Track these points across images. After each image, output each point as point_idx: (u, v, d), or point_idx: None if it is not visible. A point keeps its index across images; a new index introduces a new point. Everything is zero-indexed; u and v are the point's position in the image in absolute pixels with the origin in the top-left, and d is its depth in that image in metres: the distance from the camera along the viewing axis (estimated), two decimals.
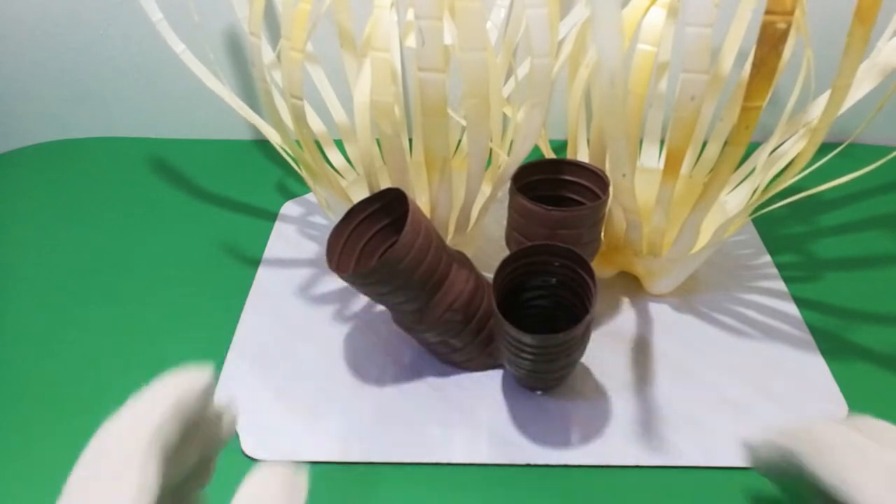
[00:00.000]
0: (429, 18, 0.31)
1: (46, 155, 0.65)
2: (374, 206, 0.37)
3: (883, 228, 0.53)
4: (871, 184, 0.58)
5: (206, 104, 0.63)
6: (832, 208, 0.56)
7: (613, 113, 0.32)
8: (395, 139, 0.36)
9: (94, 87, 0.63)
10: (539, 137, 0.46)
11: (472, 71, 0.32)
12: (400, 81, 0.51)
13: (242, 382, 0.41)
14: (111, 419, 0.19)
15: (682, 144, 0.35)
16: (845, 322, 0.45)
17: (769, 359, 0.42)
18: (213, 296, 0.47)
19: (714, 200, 0.36)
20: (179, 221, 0.55)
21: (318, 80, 0.52)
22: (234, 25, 0.58)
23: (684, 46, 0.31)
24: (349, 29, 0.49)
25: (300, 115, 0.37)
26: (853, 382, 0.40)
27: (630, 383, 0.40)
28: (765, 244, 0.51)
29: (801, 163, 0.36)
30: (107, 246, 0.52)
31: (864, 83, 0.39)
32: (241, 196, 0.58)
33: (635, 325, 0.44)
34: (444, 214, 0.40)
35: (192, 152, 0.64)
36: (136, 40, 0.59)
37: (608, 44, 0.29)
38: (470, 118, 0.34)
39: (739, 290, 0.47)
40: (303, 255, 0.51)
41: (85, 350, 0.43)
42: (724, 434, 0.37)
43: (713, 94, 0.50)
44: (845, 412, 0.39)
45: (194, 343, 0.44)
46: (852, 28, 0.28)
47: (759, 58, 0.28)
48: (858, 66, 0.29)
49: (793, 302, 0.46)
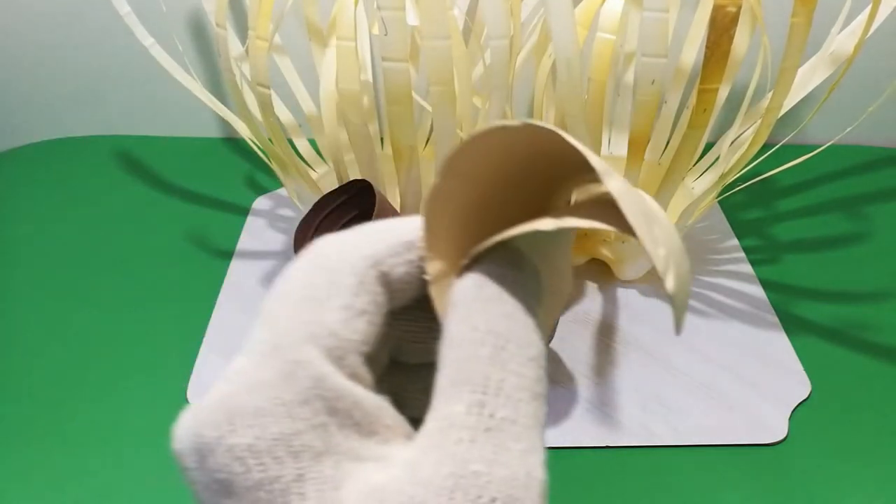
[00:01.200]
0: (391, 9, 0.31)
1: (44, 154, 0.64)
2: (342, 199, 0.37)
3: (837, 212, 0.55)
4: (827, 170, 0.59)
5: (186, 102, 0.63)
6: (792, 194, 0.57)
7: (571, 97, 0.32)
8: (363, 128, 0.36)
9: (93, 86, 0.62)
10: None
11: (437, 59, 0.33)
12: (370, 70, 0.51)
13: (216, 374, 0.41)
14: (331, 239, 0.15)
15: (644, 128, 0.35)
16: (808, 302, 0.46)
17: (736, 340, 0.43)
18: (185, 291, 0.47)
19: (678, 183, 0.37)
20: (154, 217, 0.55)
21: (288, 73, 0.52)
22: (202, 18, 0.58)
23: (642, 31, 0.31)
24: (317, 21, 0.49)
25: (267, 104, 0.37)
26: (816, 360, 0.41)
27: (600, 367, 0.41)
28: (732, 229, 0.52)
29: (758, 143, 0.37)
30: (80, 243, 0.52)
31: (818, 73, 0.40)
32: (215, 192, 0.58)
33: (605, 311, 0.45)
34: (414, 203, 0.41)
35: (166, 149, 0.64)
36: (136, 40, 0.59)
37: (562, 28, 0.30)
38: (436, 105, 0.35)
39: (707, 273, 0.48)
40: (274, 248, 0.51)
41: (69, 346, 0.43)
42: (693, 414, 0.38)
43: (679, 83, 0.51)
44: (809, 390, 0.40)
45: (167, 337, 0.43)
46: (795, 9, 0.29)
47: (713, 41, 0.29)
48: (804, 47, 0.30)
49: (759, 284, 0.47)
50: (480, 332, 0.13)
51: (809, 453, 0.37)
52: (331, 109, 0.37)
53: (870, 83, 0.59)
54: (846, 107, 0.58)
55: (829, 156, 0.45)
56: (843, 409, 0.39)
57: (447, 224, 0.15)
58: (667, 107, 0.52)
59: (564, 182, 0.16)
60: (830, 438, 0.37)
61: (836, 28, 0.41)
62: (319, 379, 0.13)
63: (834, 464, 0.36)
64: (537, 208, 0.16)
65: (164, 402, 0.39)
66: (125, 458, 0.36)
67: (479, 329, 0.13)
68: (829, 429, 0.38)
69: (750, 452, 0.37)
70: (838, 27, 0.41)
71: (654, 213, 0.14)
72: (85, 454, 0.37)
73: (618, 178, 0.13)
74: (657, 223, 0.13)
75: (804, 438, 0.37)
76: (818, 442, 0.37)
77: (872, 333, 0.44)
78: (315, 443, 0.12)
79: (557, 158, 0.14)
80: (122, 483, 0.35)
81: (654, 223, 0.13)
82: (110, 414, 0.39)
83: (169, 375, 0.41)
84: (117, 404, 0.39)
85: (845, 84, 0.58)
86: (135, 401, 0.39)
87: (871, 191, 0.57)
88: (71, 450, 0.37)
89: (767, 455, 0.37)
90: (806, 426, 0.38)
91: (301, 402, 0.12)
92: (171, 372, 0.41)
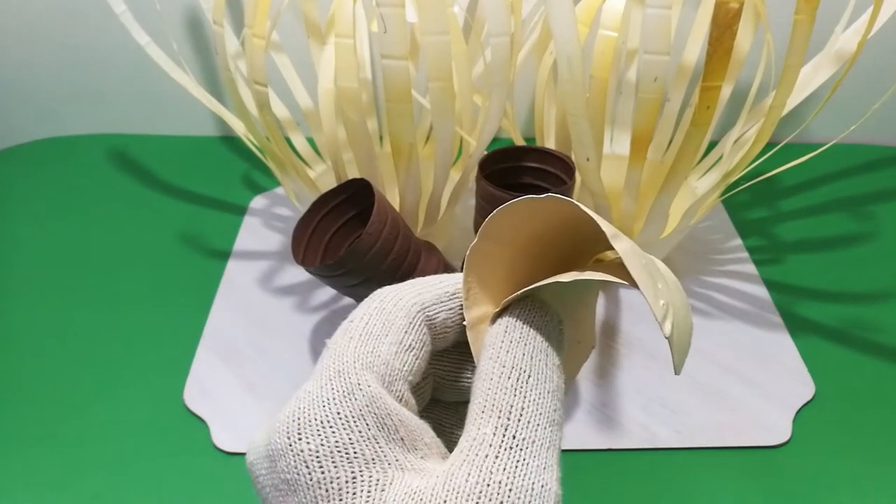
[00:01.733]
0: (390, 6, 0.31)
1: (40, 153, 0.63)
2: (340, 198, 0.37)
3: (841, 211, 0.54)
4: (830, 169, 0.59)
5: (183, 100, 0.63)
6: (796, 193, 0.57)
7: (573, 95, 0.32)
8: (361, 126, 0.36)
9: (91, 85, 0.62)
10: (506, 121, 0.46)
11: (436, 55, 0.32)
12: (369, 68, 0.51)
13: (213, 375, 0.40)
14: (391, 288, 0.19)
15: (647, 126, 0.35)
16: (813, 303, 0.46)
17: (739, 341, 0.42)
18: (182, 290, 0.47)
19: (681, 182, 0.36)
20: (151, 216, 0.54)
21: (285, 70, 0.51)
22: (198, 15, 0.58)
23: (645, 28, 0.31)
24: (315, 18, 0.48)
25: (264, 102, 0.37)
26: (820, 362, 0.41)
27: (602, 369, 0.41)
28: (736, 228, 0.52)
29: (761, 142, 0.36)
30: (76, 242, 0.51)
31: (821, 71, 0.40)
32: (212, 191, 0.57)
33: (607, 312, 0.45)
34: (413, 202, 0.40)
35: (162, 147, 0.63)
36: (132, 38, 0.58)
37: (563, 24, 0.29)
38: (435, 102, 0.34)
39: (710, 274, 0.48)
40: (272, 248, 0.50)
41: (65, 345, 0.43)
42: (696, 416, 0.38)
43: (682, 81, 0.51)
44: (813, 391, 0.39)
45: (163, 337, 0.43)
46: (798, 6, 0.28)
47: (715, 38, 0.28)
48: (807, 45, 0.29)
49: (763, 284, 0.46)
50: (506, 368, 0.16)
51: (813, 455, 0.36)
52: (329, 107, 0.37)
53: (873, 81, 0.59)
54: (850, 105, 0.58)
55: (832, 155, 0.44)
56: (847, 411, 0.39)
57: (484, 279, 0.18)
58: (669, 105, 0.51)
59: (588, 244, 0.18)
60: (834, 440, 0.37)
61: (840, 26, 0.40)
62: (373, 399, 0.15)
63: (838, 466, 0.36)
64: (565, 266, 0.18)
65: (160, 402, 0.39)
66: (122, 459, 0.36)
67: (506, 365, 0.16)
68: (833, 430, 0.37)
69: (753, 454, 0.36)
70: (842, 25, 0.40)
71: (659, 271, 0.16)
72: (81, 455, 0.36)
73: (625, 240, 0.15)
74: (661, 279, 0.15)
75: (808, 440, 0.37)
76: (822, 444, 0.37)
77: (877, 334, 0.43)
78: (367, 451, 0.15)
79: (580, 224, 0.16)
80: (120, 483, 0.35)
81: (658, 279, 0.15)
82: (106, 413, 0.38)
83: (165, 375, 0.40)
84: (113, 404, 0.39)
85: (849, 82, 0.58)
86: (131, 400, 0.39)
87: (875, 190, 0.57)
88: (67, 450, 0.36)
89: (771, 457, 0.36)
90: (810, 428, 0.37)
91: (357, 417, 0.15)
92: (168, 371, 0.40)
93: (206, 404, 0.38)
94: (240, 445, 0.36)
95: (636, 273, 0.14)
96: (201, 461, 0.36)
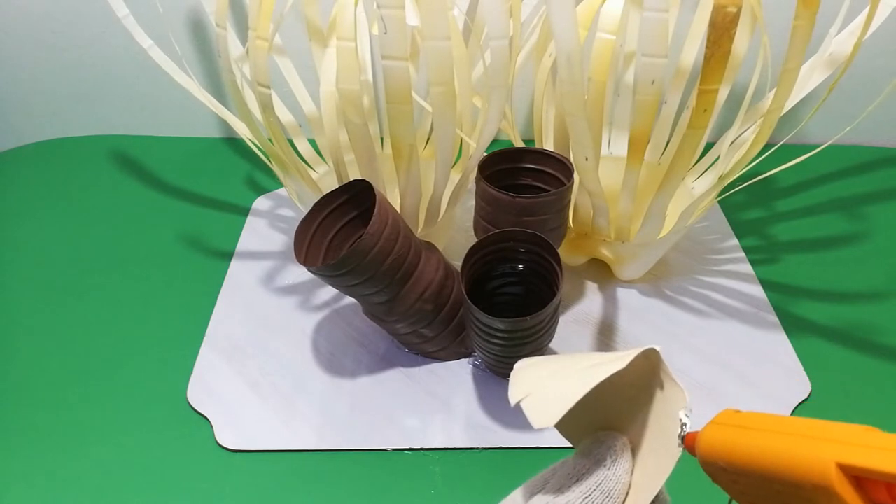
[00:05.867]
0: (391, 7, 0.31)
1: (44, 154, 0.64)
2: (341, 199, 0.37)
3: (837, 212, 0.55)
4: (826, 170, 0.59)
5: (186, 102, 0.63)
6: (792, 194, 0.57)
7: (571, 96, 0.32)
8: (363, 128, 0.36)
9: (96, 87, 0.62)
10: (505, 123, 0.46)
11: (437, 59, 0.33)
12: (370, 71, 0.51)
13: (217, 374, 0.41)
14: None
15: (644, 128, 0.35)
16: (809, 302, 0.46)
17: (736, 341, 0.43)
18: (185, 291, 0.47)
19: (677, 183, 0.37)
20: (154, 217, 0.55)
21: (288, 73, 0.52)
22: (201, 19, 0.58)
23: (642, 31, 0.31)
24: (317, 21, 0.49)
25: (267, 104, 0.37)
26: (816, 361, 0.41)
27: None
28: (732, 228, 0.52)
29: (759, 144, 0.37)
30: (80, 243, 0.52)
31: (817, 73, 0.40)
32: (215, 192, 0.58)
33: (605, 311, 0.45)
34: (414, 203, 0.41)
35: (165, 149, 0.64)
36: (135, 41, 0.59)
37: (563, 24, 0.30)
38: (436, 106, 0.35)
39: (707, 274, 0.48)
40: (274, 248, 0.51)
41: (68, 346, 0.43)
42: (693, 415, 0.38)
43: (679, 84, 0.51)
44: (809, 390, 0.40)
45: (167, 337, 0.43)
46: (798, 11, 0.29)
47: (713, 41, 0.29)
48: (805, 49, 0.30)
49: (759, 284, 0.47)
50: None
51: None
52: (331, 109, 0.38)
53: (868, 83, 0.59)
54: (845, 107, 0.59)
55: (828, 156, 0.45)
56: (842, 410, 0.39)
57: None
58: (667, 107, 0.52)
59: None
60: None
61: (835, 28, 0.41)
62: None
63: None
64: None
65: (164, 400, 0.39)
66: (126, 457, 0.36)
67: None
68: None
69: None
70: (837, 27, 0.41)
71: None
72: (85, 453, 0.37)
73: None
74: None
75: None
76: None
77: (873, 334, 0.44)
78: None
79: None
80: (123, 481, 0.35)
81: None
82: (110, 412, 0.39)
83: (169, 373, 0.41)
84: (117, 402, 0.39)
85: (844, 84, 0.58)
86: (135, 399, 0.39)
87: (870, 190, 0.57)
88: (70, 450, 0.37)
89: None
90: None
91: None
92: (171, 370, 0.41)
93: (210, 402, 0.39)
94: (242, 443, 0.37)
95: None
96: (204, 459, 0.36)
